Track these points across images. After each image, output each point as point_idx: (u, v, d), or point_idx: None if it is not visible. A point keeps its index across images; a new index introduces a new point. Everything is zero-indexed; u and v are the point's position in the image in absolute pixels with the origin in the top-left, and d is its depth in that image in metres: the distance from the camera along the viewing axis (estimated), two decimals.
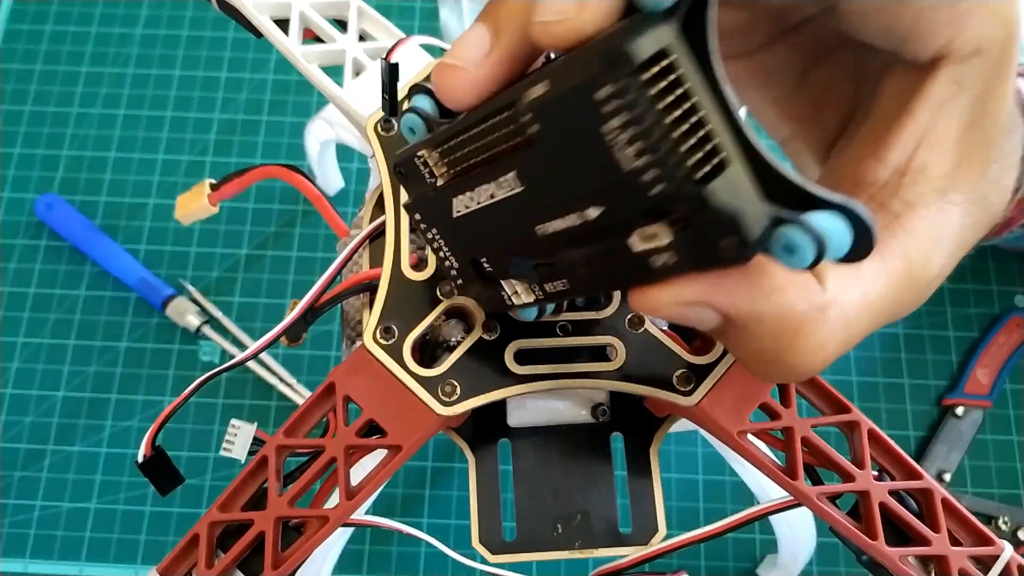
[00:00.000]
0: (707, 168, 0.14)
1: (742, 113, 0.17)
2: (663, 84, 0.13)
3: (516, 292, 0.19)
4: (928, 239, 0.17)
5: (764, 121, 0.23)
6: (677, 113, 0.13)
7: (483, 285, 0.20)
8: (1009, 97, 0.18)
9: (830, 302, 0.16)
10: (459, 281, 0.21)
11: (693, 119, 0.14)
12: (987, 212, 0.18)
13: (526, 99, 0.15)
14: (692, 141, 0.14)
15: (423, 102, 0.18)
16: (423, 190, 0.19)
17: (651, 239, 0.15)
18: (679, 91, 0.13)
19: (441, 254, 0.20)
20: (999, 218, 0.20)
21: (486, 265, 0.20)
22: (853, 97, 0.20)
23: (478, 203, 0.18)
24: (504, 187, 0.17)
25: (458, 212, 0.18)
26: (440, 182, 0.18)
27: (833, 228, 0.14)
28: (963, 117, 0.17)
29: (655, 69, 0.13)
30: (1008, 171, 0.18)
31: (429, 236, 0.20)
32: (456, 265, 0.20)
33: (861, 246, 0.14)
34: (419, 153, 0.18)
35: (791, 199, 0.14)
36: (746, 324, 0.16)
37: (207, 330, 0.47)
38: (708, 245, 0.14)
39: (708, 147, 0.14)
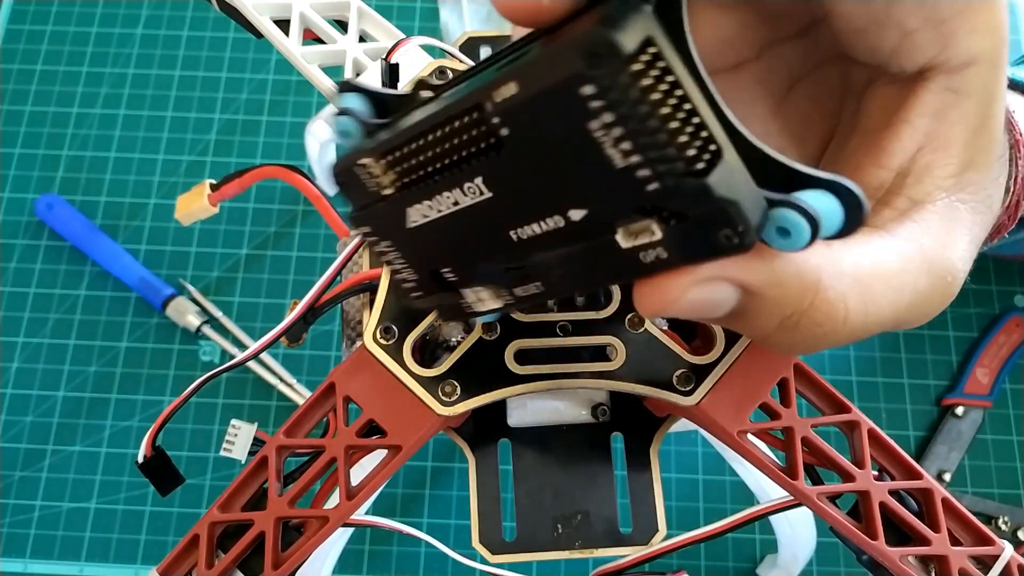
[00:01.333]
0: (704, 159, 0.13)
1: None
2: (653, 75, 0.12)
3: (480, 299, 0.18)
4: (940, 231, 0.17)
5: (752, 133, 0.23)
6: (668, 105, 0.13)
7: (442, 296, 0.19)
8: (1003, 99, 0.18)
9: (841, 257, 0.16)
10: (415, 294, 0.19)
11: (685, 109, 0.13)
12: (992, 211, 0.19)
13: (495, 99, 0.14)
14: (686, 133, 0.13)
15: (355, 102, 0.17)
16: (368, 201, 0.17)
17: (639, 235, 0.14)
18: (668, 80, 0.13)
19: (396, 267, 0.19)
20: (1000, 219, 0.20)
21: (448, 275, 0.18)
22: (836, 113, 0.20)
23: (439, 212, 0.16)
24: (470, 193, 0.16)
25: (414, 222, 0.17)
26: (389, 191, 0.17)
27: (824, 205, 0.13)
28: (970, 122, 0.18)
29: (643, 59, 0.12)
30: (1002, 168, 0.19)
31: (380, 249, 0.19)
32: (413, 278, 0.19)
33: (853, 220, 0.14)
34: (361, 162, 0.17)
35: (779, 180, 0.14)
36: (766, 291, 0.16)
37: (207, 330, 0.47)
38: (707, 236, 0.13)
39: (702, 137, 0.13)
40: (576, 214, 0.15)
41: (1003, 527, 0.42)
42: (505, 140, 0.14)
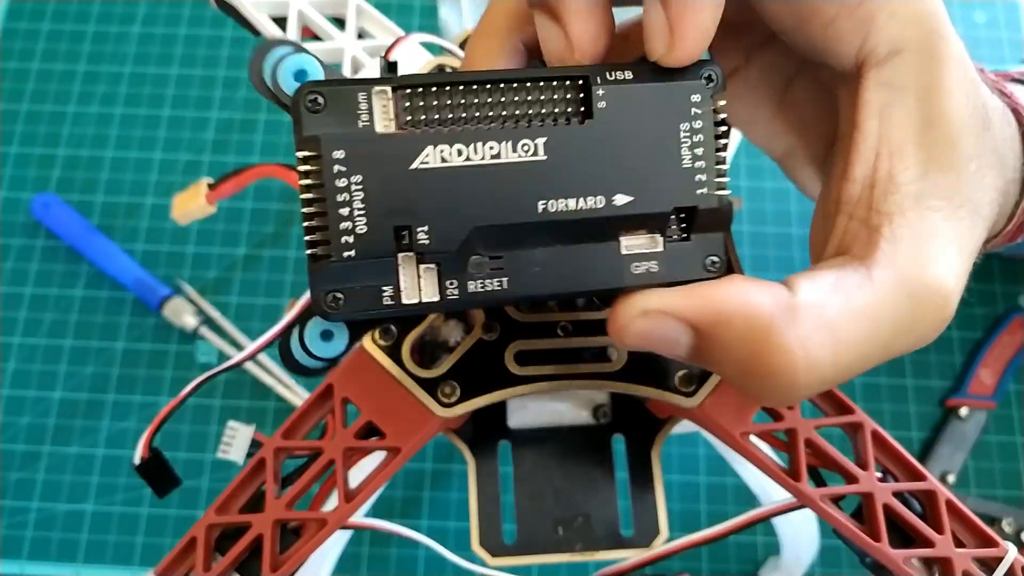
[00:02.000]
0: (725, 186, 0.17)
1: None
2: (721, 107, 0.17)
3: (415, 286, 0.16)
4: (913, 245, 0.16)
5: (758, 139, 0.23)
6: (723, 136, 0.17)
7: (365, 271, 0.16)
8: (958, 93, 0.17)
9: (800, 303, 0.16)
10: (334, 259, 0.16)
11: (724, 143, 0.17)
12: (980, 215, 0.18)
13: (608, 77, 0.16)
14: (722, 162, 0.17)
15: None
16: (352, 129, 0.16)
17: (641, 246, 0.17)
18: (724, 116, 0.17)
19: (337, 213, 0.16)
20: (1003, 220, 0.20)
21: (420, 236, 0.16)
22: (834, 111, 0.19)
23: (468, 160, 0.16)
24: (522, 150, 0.16)
25: (425, 164, 0.16)
26: (379, 128, 0.16)
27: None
28: (912, 119, 0.17)
29: (721, 94, 0.17)
30: (988, 170, 0.18)
31: (337, 184, 0.16)
32: (358, 231, 0.16)
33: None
34: (373, 90, 0.16)
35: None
36: (715, 332, 0.16)
37: (204, 331, 0.46)
38: (696, 259, 0.17)
39: (725, 168, 0.17)
40: (620, 199, 0.16)
41: (1007, 529, 0.42)
42: (596, 113, 0.16)
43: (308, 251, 0.16)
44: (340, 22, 0.28)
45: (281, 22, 0.28)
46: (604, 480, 0.25)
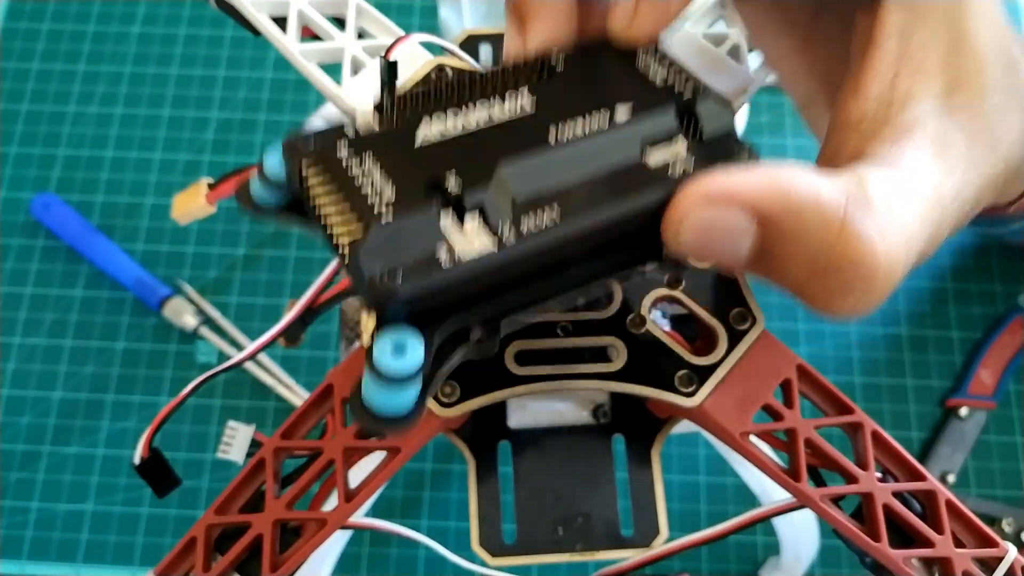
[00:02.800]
0: (704, 84, 0.18)
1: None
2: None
3: (468, 237, 0.15)
4: (937, 158, 0.16)
5: (784, 79, 0.22)
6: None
7: (416, 233, 0.15)
8: (986, 21, 0.17)
9: (872, 192, 0.15)
10: (383, 220, 0.15)
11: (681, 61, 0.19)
12: (997, 152, 0.17)
13: (559, 53, 0.19)
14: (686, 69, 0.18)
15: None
16: (351, 135, 0.17)
17: (666, 152, 0.16)
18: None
19: (363, 189, 0.16)
20: (1017, 172, 0.19)
21: (451, 183, 0.16)
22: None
23: (464, 127, 0.17)
24: (512, 106, 0.17)
25: (426, 140, 0.16)
26: (375, 127, 0.17)
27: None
28: (937, 40, 0.16)
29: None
30: (1012, 107, 0.17)
31: (355, 172, 0.16)
32: (387, 197, 0.15)
33: None
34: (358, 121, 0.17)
35: None
36: (785, 221, 0.14)
37: (204, 331, 0.46)
38: (719, 150, 0.16)
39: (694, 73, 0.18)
40: (621, 111, 0.17)
41: (1007, 529, 0.41)
42: (560, 70, 0.18)
43: (342, 244, 0.15)
44: (340, 22, 0.28)
45: (281, 22, 0.28)
46: (604, 480, 0.25)
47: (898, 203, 0.15)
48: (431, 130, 0.17)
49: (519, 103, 0.17)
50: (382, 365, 0.14)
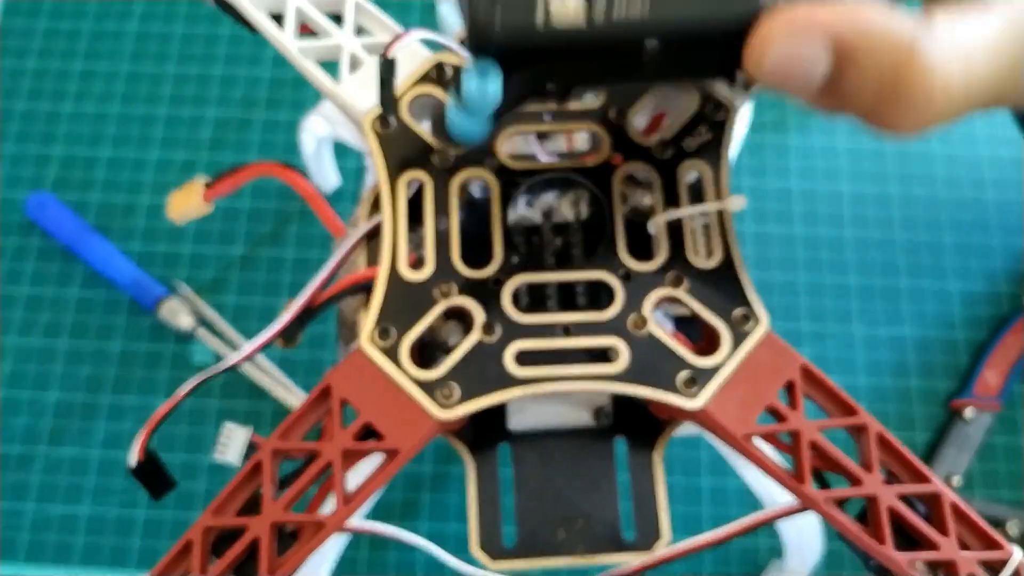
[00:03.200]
0: None
1: None
2: None
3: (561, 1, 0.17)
4: None
5: None
6: None
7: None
8: None
9: (938, 28, 0.17)
10: None
11: None
12: None
13: None
14: None
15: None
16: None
17: None
18: None
19: None
20: None
21: None
22: None
23: None
24: None
25: None
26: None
27: None
28: None
29: None
30: None
31: None
32: None
33: None
34: None
35: None
36: (858, 51, 0.16)
37: (201, 331, 0.46)
38: None
39: None
40: None
41: (1012, 531, 0.41)
42: None
43: None
44: (338, 19, 0.28)
45: (279, 19, 0.28)
46: (605, 483, 0.25)
47: (963, 32, 0.17)
48: None
49: None
50: (467, 88, 0.17)
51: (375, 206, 0.26)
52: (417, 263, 0.24)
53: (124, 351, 0.46)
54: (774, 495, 0.29)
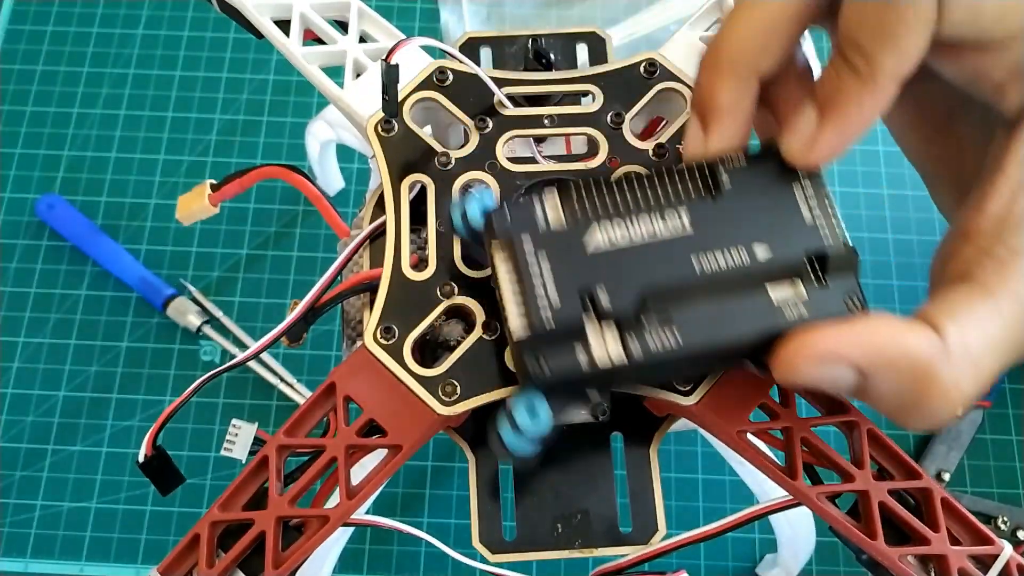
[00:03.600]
0: (845, 232, 0.20)
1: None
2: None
3: (605, 344, 0.19)
4: None
5: (911, 153, 0.24)
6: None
7: (567, 334, 0.19)
8: None
9: (952, 347, 0.18)
10: (547, 326, 0.19)
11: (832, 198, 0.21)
12: None
13: (730, 163, 0.20)
14: (836, 213, 0.20)
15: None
16: (534, 227, 0.20)
17: (788, 292, 0.19)
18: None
19: (539, 291, 0.19)
20: None
21: (602, 299, 0.19)
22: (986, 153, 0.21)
23: (630, 239, 0.20)
24: (672, 223, 0.20)
25: (596, 248, 0.20)
26: (553, 225, 0.20)
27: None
28: None
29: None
30: None
31: (533, 270, 0.20)
32: (554, 304, 0.19)
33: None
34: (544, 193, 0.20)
35: None
36: (879, 373, 0.18)
37: (208, 330, 0.47)
38: (837, 299, 0.19)
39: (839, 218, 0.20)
40: (761, 252, 0.20)
41: (1002, 527, 0.42)
42: (723, 188, 0.20)
43: (512, 331, 0.20)
44: (342, 25, 0.28)
45: (284, 25, 0.28)
46: (602, 478, 0.25)
47: (975, 339, 0.18)
48: (600, 238, 0.20)
49: (679, 221, 0.20)
50: (519, 421, 0.20)
51: (379, 208, 0.26)
52: (420, 264, 0.24)
53: (132, 349, 0.47)
54: (768, 490, 0.29)
